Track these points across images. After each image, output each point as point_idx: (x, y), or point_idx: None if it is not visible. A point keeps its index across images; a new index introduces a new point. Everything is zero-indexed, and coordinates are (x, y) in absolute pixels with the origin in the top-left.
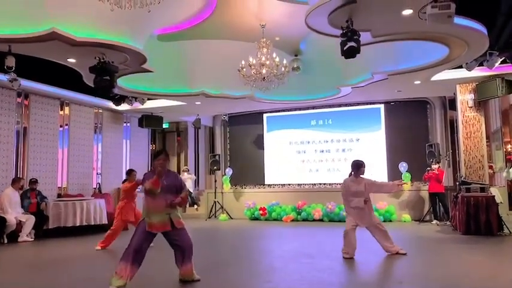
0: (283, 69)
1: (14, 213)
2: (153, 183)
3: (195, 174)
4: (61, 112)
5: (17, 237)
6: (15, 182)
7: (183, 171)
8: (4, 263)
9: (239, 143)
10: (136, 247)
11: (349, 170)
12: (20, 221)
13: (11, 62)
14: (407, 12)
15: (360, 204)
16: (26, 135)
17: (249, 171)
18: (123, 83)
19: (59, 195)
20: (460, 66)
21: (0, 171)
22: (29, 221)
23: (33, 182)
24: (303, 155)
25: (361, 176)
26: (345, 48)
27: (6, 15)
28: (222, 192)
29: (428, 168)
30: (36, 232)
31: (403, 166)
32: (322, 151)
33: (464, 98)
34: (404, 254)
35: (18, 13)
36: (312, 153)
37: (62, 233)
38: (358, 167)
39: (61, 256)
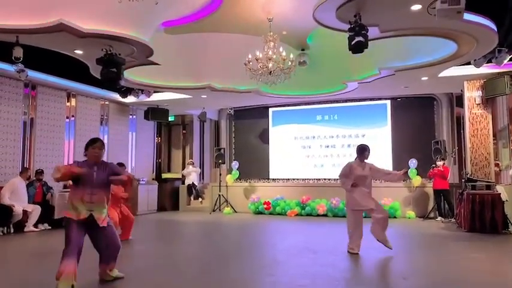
0: (289, 63)
1: (20, 203)
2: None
3: (200, 168)
4: (68, 103)
5: (23, 227)
6: (23, 172)
7: (188, 164)
8: (10, 253)
9: (244, 137)
10: (76, 243)
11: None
12: (26, 211)
13: (18, 52)
14: (416, 7)
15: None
16: (32, 126)
17: (254, 166)
18: (130, 75)
19: (65, 186)
20: (468, 63)
21: (7, 161)
22: (35, 211)
23: (40, 172)
24: (308, 150)
25: (365, 160)
26: (352, 43)
27: (14, 6)
28: (226, 186)
29: (433, 165)
30: (43, 222)
31: (412, 163)
32: (328, 146)
33: (472, 95)
34: (390, 248)
35: (26, 4)
36: (317, 148)
37: None
38: (362, 151)
39: None
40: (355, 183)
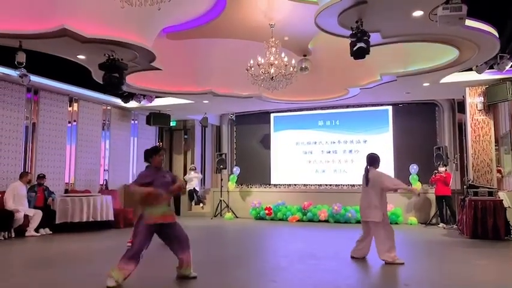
0: (291, 69)
1: (20, 207)
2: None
3: (201, 173)
4: (70, 108)
5: (24, 231)
6: (23, 176)
7: (189, 169)
8: (11, 258)
9: (246, 142)
10: (141, 247)
11: (355, 172)
12: (28, 215)
13: (21, 57)
14: (418, 13)
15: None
16: (34, 131)
17: (255, 171)
18: (132, 80)
19: (66, 191)
20: (470, 69)
21: (8, 166)
22: (36, 215)
23: (41, 177)
24: (310, 155)
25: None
26: (354, 48)
27: (18, 11)
28: (228, 191)
29: (436, 171)
30: (44, 227)
31: (413, 168)
32: (329, 152)
33: (474, 101)
34: (402, 264)
35: (29, 9)
36: (318, 154)
37: (68, 228)
38: (376, 160)
39: (68, 251)
40: None
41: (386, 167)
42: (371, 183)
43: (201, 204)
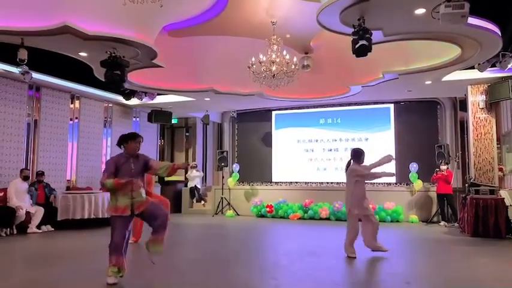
0: (293, 66)
1: (21, 203)
2: (116, 184)
3: (203, 170)
4: (71, 105)
5: (26, 228)
6: (21, 172)
7: (191, 167)
8: (13, 254)
9: (247, 140)
10: (119, 240)
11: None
12: (29, 212)
13: (23, 54)
14: (420, 11)
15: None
16: (36, 128)
17: (256, 169)
18: (133, 77)
19: (68, 188)
20: (472, 67)
21: (10, 163)
22: (38, 212)
23: (40, 174)
24: (311, 153)
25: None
26: (356, 46)
27: (19, 9)
28: (229, 189)
29: (437, 169)
30: (46, 224)
31: (413, 167)
32: (331, 150)
33: (476, 99)
34: (386, 251)
35: (31, 6)
36: (320, 151)
37: (70, 225)
38: (359, 155)
39: (70, 248)
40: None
41: (388, 164)
42: (346, 176)
43: (202, 202)
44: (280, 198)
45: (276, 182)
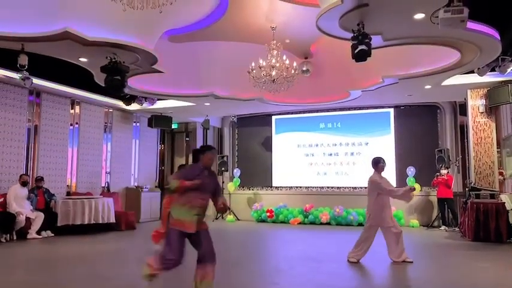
0: (293, 71)
1: (21, 209)
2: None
3: None
4: (72, 111)
5: (26, 234)
6: (20, 178)
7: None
8: (13, 260)
9: (247, 145)
10: (178, 257)
11: (357, 174)
12: (29, 218)
13: (24, 60)
14: (419, 16)
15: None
16: (36, 133)
17: (257, 173)
18: (134, 83)
19: (68, 193)
20: (472, 71)
21: (10, 168)
22: (38, 218)
23: (39, 179)
24: (311, 158)
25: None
26: (355, 51)
27: (20, 14)
28: (229, 194)
29: (438, 174)
30: (46, 229)
31: (410, 171)
32: (331, 154)
33: (475, 103)
34: (411, 262)
35: (31, 12)
36: (320, 156)
37: (70, 230)
38: (375, 163)
39: (70, 253)
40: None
41: (388, 169)
42: (367, 184)
43: None
44: (280, 203)
45: (276, 187)
